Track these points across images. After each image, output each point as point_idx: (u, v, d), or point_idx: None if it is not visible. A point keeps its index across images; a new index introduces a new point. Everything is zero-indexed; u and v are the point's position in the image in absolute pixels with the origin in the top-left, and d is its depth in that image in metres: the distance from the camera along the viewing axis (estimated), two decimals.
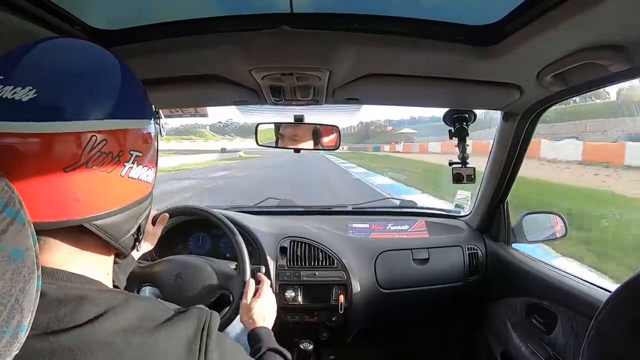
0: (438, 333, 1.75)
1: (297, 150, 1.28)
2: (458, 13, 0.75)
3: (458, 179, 1.28)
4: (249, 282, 0.95)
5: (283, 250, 1.37)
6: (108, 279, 0.49)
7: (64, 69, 0.41)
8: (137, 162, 0.45)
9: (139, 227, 0.50)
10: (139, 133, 0.46)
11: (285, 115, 1.29)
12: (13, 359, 0.30)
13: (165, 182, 12.10)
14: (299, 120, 1.25)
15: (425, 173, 13.90)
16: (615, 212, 6.32)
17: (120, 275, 0.80)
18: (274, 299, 0.95)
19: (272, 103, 1.09)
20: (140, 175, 0.46)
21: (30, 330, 0.32)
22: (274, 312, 0.92)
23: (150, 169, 0.49)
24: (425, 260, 1.43)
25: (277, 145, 1.27)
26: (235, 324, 0.97)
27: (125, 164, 0.44)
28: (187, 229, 1.43)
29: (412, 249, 1.44)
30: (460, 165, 1.27)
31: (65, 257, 0.44)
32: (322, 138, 1.27)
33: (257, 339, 0.78)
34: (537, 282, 1.17)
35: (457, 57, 0.81)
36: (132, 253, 0.55)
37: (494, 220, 1.46)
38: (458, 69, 0.88)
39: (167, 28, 0.79)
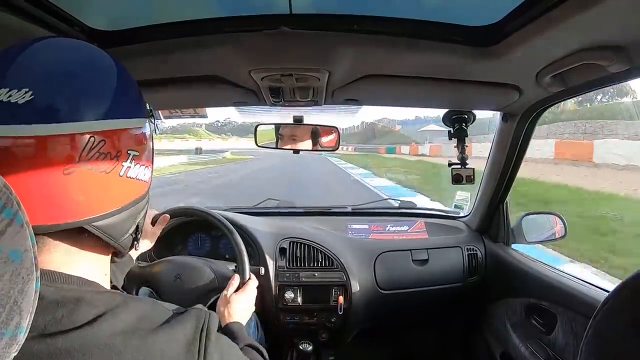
0: (437, 334, 1.75)
1: (296, 151, 1.29)
2: (457, 14, 0.76)
3: (457, 180, 1.28)
4: (234, 276, 0.94)
5: (282, 251, 1.37)
6: (106, 280, 0.49)
7: (60, 70, 0.41)
8: (134, 161, 0.45)
9: (137, 226, 0.50)
10: (136, 132, 0.46)
11: (285, 116, 1.29)
12: None
13: None
14: (299, 121, 1.25)
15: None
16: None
17: (118, 275, 0.79)
18: (254, 299, 0.93)
19: (271, 104, 1.09)
20: (138, 175, 0.47)
21: (28, 333, 0.32)
22: (251, 311, 0.91)
23: (147, 168, 0.49)
24: (425, 261, 1.43)
25: (276, 146, 1.28)
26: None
27: (124, 164, 0.44)
28: (186, 230, 1.43)
29: (411, 250, 1.44)
30: (460, 166, 1.27)
31: (64, 258, 0.43)
32: (321, 139, 1.27)
33: (232, 335, 0.75)
34: (536, 282, 1.17)
35: (456, 57, 0.81)
36: (130, 252, 0.55)
37: (494, 221, 1.46)
38: (457, 70, 0.88)
39: (166, 29, 0.79)
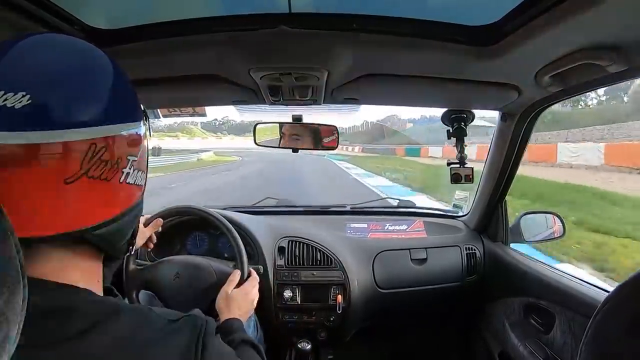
0: (436, 333, 1.75)
1: (295, 150, 1.28)
2: (456, 13, 0.75)
3: (456, 179, 1.28)
4: (235, 272, 0.93)
5: (281, 250, 1.37)
6: (99, 287, 0.48)
7: (59, 73, 0.39)
8: (133, 166, 0.44)
9: (134, 230, 0.50)
10: (134, 136, 0.45)
11: (284, 115, 1.29)
12: None
13: None
14: (298, 120, 1.25)
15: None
16: None
17: (107, 274, 0.78)
18: (255, 295, 0.92)
19: (270, 103, 1.09)
20: (136, 180, 0.46)
21: (18, 343, 0.30)
22: (252, 308, 0.90)
23: (144, 173, 0.48)
24: (423, 260, 1.43)
25: (275, 145, 1.28)
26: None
27: (123, 170, 0.43)
28: (185, 230, 1.43)
29: (410, 249, 1.44)
30: (459, 165, 1.28)
31: (56, 266, 0.42)
32: (321, 138, 1.27)
33: (230, 330, 0.76)
34: (535, 282, 1.17)
35: (455, 57, 0.81)
36: None
37: (492, 220, 1.46)
38: (456, 69, 0.88)
39: (166, 27, 0.78)
